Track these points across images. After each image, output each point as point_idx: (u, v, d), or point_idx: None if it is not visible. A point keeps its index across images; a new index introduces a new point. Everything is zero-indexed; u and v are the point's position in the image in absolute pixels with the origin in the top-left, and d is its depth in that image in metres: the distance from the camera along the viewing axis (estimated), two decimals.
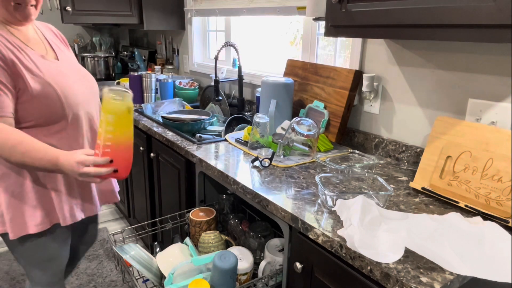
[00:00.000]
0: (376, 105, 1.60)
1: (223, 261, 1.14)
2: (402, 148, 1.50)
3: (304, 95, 1.81)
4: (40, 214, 1.22)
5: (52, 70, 1.19)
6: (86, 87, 1.28)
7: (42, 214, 1.22)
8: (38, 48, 1.22)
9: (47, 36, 1.29)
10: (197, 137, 1.74)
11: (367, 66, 1.61)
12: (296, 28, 2.15)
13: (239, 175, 1.33)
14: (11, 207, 1.19)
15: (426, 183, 1.22)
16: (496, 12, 0.87)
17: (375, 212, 1.01)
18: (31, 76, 1.13)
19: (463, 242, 0.92)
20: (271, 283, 1.28)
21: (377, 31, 1.15)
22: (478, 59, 1.26)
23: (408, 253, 0.89)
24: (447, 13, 0.96)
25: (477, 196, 1.08)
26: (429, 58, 1.39)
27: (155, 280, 1.30)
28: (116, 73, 3.63)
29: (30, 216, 1.21)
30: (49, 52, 1.25)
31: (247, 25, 2.49)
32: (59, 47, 1.31)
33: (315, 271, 1.06)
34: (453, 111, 1.35)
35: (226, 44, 2.08)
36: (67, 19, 2.59)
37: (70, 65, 1.28)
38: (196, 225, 1.49)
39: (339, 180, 1.29)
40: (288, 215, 1.08)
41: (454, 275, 0.82)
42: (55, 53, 1.27)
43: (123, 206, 2.70)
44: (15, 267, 2.26)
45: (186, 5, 2.80)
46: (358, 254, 0.89)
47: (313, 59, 1.94)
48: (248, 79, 2.29)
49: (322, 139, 1.60)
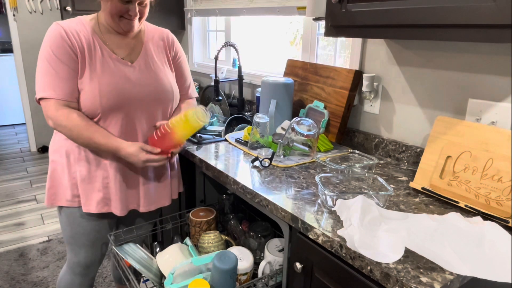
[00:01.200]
0: (376, 105, 1.60)
1: (223, 261, 1.14)
2: (402, 148, 1.50)
3: (304, 95, 1.81)
4: (70, 193, 1.36)
5: (113, 70, 1.29)
6: (145, 92, 1.33)
7: (72, 193, 1.36)
8: (120, 51, 1.33)
9: (146, 43, 1.38)
10: (197, 137, 1.74)
11: (367, 66, 1.61)
12: (296, 28, 2.15)
13: (239, 175, 1.33)
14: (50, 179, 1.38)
15: (426, 183, 1.22)
16: (496, 12, 0.87)
17: (375, 212, 1.01)
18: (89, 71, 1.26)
19: (463, 242, 0.92)
20: (271, 283, 1.28)
21: (377, 31, 1.15)
22: (478, 59, 1.26)
23: (408, 253, 0.89)
24: (447, 13, 0.96)
25: (477, 196, 1.08)
26: (429, 58, 1.39)
27: (155, 280, 1.30)
28: None
29: (63, 191, 1.37)
30: (132, 55, 1.35)
31: (247, 25, 2.49)
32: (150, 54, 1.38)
33: (315, 271, 1.06)
34: (453, 111, 1.35)
35: (226, 44, 2.08)
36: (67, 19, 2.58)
37: (141, 70, 1.34)
38: (196, 225, 1.49)
39: (339, 180, 1.29)
40: (288, 215, 1.08)
41: (454, 275, 0.82)
42: (139, 58, 1.35)
43: None
44: (15, 267, 2.27)
45: (186, 5, 2.80)
46: (358, 254, 0.89)
47: (313, 59, 1.94)
48: (248, 79, 2.29)
49: (322, 139, 1.60)
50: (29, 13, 3.93)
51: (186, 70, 1.51)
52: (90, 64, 1.26)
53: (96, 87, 1.24)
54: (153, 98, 1.34)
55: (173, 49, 1.45)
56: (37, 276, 2.19)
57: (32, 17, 3.95)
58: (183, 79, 1.50)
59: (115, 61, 1.30)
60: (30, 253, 2.41)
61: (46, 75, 1.23)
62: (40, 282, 2.14)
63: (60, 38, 1.23)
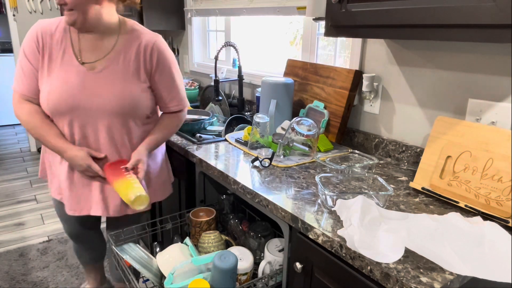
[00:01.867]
0: (376, 105, 1.60)
1: (223, 261, 1.14)
2: (402, 148, 1.50)
3: (304, 95, 1.81)
4: (55, 186, 1.46)
5: (67, 75, 1.28)
6: (100, 102, 1.29)
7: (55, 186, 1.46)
8: (90, 54, 1.30)
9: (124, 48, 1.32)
10: (197, 137, 1.74)
11: (367, 66, 1.61)
12: (296, 28, 2.15)
13: (239, 175, 1.33)
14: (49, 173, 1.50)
15: (426, 183, 1.22)
16: (496, 12, 0.87)
17: (375, 212, 1.01)
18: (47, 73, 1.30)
19: (463, 242, 0.92)
20: (271, 283, 1.28)
21: (377, 31, 1.15)
22: (478, 59, 1.26)
23: (408, 253, 0.89)
24: (447, 13, 0.96)
25: (477, 196, 1.08)
26: (429, 58, 1.39)
27: (155, 280, 1.30)
28: None
29: (51, 183, 1.49)
30: (101, 61, 1.31)
31: (247, 25, 2.49)
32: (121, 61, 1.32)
33: (315, 271, 1.06)
34: (453, 111, 1.35)
35: (226, 44, 2.08)
36: None
37: (103, 78, 1.30)
38: (196, 225, 1.49)
39: (339, 180, 1.29)
40: (288, 215, 1.08)
41: (454, 275, 0.82)
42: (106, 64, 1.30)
43: None
44: (15, 267, 2.27)
45: (186, 5, 2.80)
46: (358, 254, 0.89)
47: (313, 59, 1.93)
48: (248, 79, 2.29)
49: (322, 139, 1.60)
50: (29, 13, 3.93)
51: (167, 82, 1.39)
52: (50, 66, 1.29)
53: (46, 89, 1.28)
54: (109, 109, 1.30)
55: (150, 61, 1.34)
56: (37, 276, 2.19)
57: (32, 17, 3.94)
58: (163, 93, 1.40)
59: (74, 67, 1.28)
60: (30, 253, 2.41)
61: (17, 68, 1.33)
62: (40, 282, 2.14)
63: (32, 37, 1.29)
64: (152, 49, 1.34)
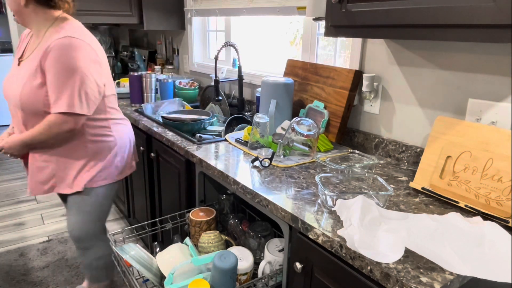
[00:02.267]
0: (376, 105, 1.60)
1: (223, 261, 1.14)
2: (402, 148, 1.50)
3: (304, 95, 1.81)
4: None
5: (11, 69, 1.54)
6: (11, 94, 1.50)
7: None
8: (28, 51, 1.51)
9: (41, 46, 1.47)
10: (197, 137, 1.74)
11: (367, 66, 1.61)
12: (296, 28, 2.15)
13: (239, 175, 1.33)
14: None
15: (426, 183, 1.22)
16: (496, 12, 0.87)
17: (375, 212, 1.01)
18: None
19: (463, 242, 0.92)
20: (271, 283, 1.28)
21: (377, 31, 1.15)
22: (478, 59, 1.26)
23: (408, 253, 0.89)
24: (447, 13, 0.96)
25: (477, 196, 1.08)
26: (429, 58, 1.39)
27: (155, 280, 1.30)
28: (116, 73, 3.63)
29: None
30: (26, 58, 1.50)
31: (247, 25, 2.49)
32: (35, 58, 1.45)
33: (315, 271, 1.06)
34: (453, 111, 1.35)
35: (226, 44, 2.08)
36: None
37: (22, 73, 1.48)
38: (196, 225, 1.49)
39: (339, 180, 1.29)
40: (288, 215, 1.08)
41: (454, 275, 0.82)
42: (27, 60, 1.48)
43: (123, 206, 2.69)
44: (15, 267, 2.27)
45: (186, 5, 2.80)
46: (358, 254, 0.89)
47: (313, 59, 1.93)
48: (248, 79, 2.29)
49: (322, 139, 1.60)
50: None
51: (52, 83, 1.41)
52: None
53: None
54: (14, 101, 1.48)
55: (45, 60, 1.40)
56: (37, 276, 2.19)
57: None
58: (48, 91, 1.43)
59: (15, 61, 1.55)
60: (30, 253, 2.41)
61: None
62: (40, 282, 2.14)
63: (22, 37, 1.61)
64: (49, 50, 1.40)
